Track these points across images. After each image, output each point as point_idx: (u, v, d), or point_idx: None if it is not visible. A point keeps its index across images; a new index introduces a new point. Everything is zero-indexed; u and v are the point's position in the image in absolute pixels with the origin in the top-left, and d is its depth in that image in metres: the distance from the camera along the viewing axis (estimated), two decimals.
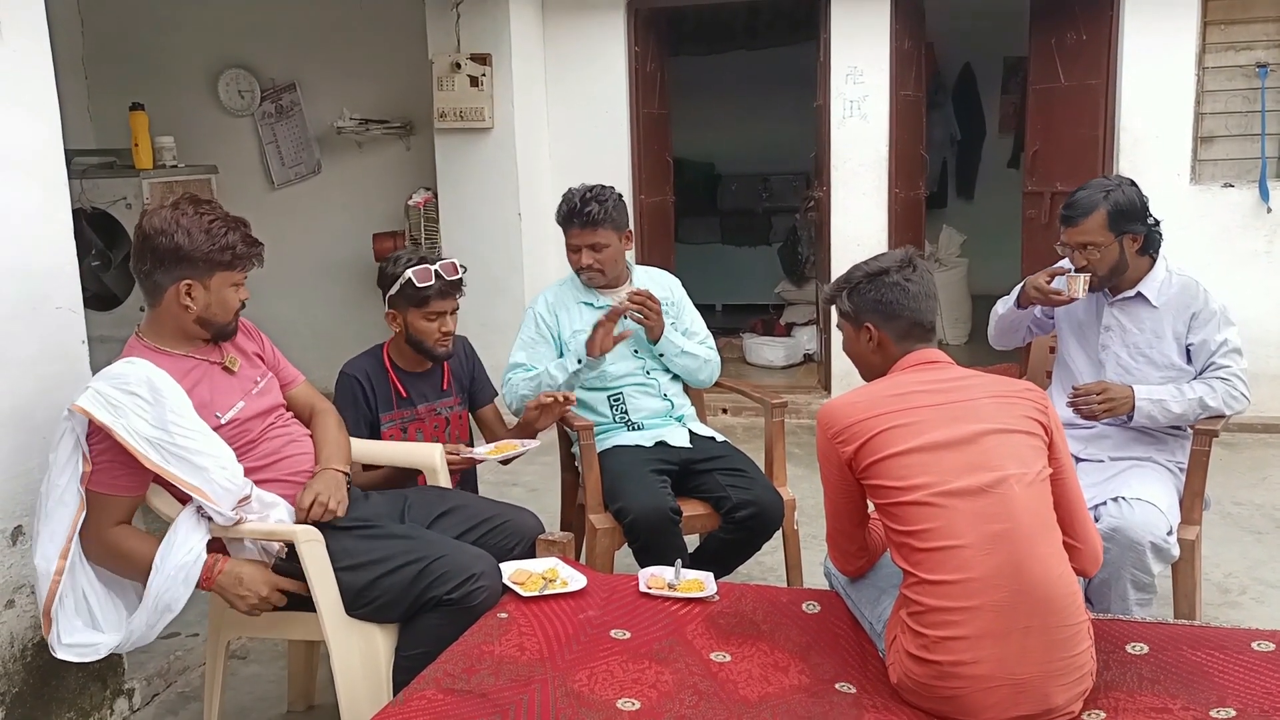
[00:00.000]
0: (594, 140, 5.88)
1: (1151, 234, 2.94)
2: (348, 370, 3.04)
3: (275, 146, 6.38)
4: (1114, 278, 2.95)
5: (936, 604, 1.98)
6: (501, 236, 5.67)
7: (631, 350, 3.29)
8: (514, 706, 2.00)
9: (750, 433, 5.42)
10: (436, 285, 2.92)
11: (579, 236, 3.20)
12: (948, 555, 1.98)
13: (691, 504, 3.07)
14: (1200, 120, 5.27)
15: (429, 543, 2.41)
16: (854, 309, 2.24)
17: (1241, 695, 1.98)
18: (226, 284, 2.44)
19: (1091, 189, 2.93)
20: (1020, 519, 1.99)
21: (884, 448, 2.06)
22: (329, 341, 6.11)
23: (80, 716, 2.76)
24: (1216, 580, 3.59)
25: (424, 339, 2.97)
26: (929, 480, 2.02)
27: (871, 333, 2.23)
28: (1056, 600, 1.97)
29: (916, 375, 2.18)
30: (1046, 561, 1.99)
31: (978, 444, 2.05)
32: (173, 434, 2.26)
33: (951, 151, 8.75)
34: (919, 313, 2.20)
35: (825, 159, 5.77)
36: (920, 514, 2.02)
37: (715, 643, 2.29)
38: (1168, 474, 2.92)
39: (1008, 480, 2.01)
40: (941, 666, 1.97)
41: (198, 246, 2.36)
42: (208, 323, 2.45)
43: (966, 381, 2.17)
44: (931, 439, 2.05)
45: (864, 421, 2.10)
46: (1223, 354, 2.90)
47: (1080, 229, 2.90)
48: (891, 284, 2.19)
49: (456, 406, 3.15)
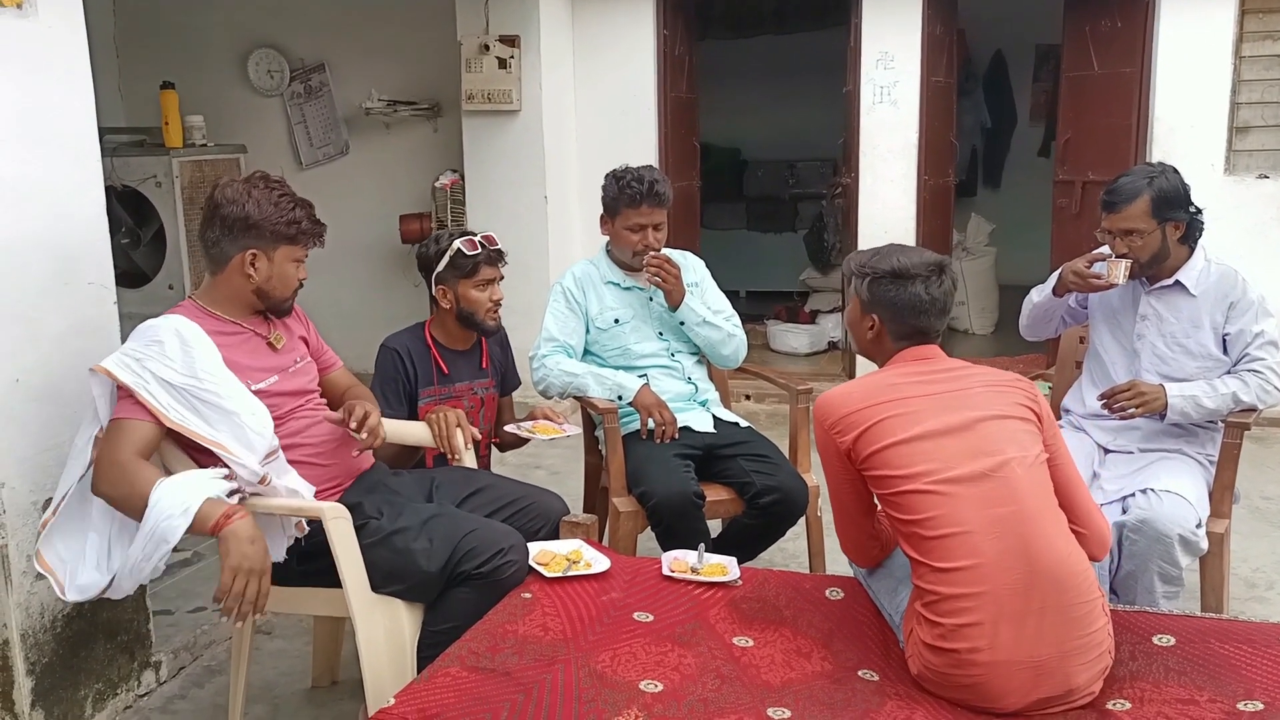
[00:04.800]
0: (621, 124, 5.86)
1: (1194, 222, 2.89)
2: (390, 344, 3.06)
3: (304, 127, 6.39)
4: (1154, 266, 2.91)
5: (949, 591, 1.98)
6: (527, 219, 5.67)
7: (656, 331, 3.29)
8: (538, 685, 2.01)
9: (774, 419, 5.41)
10: (484, 253, 2.98)
11: (648, 215, 3.19)
12: (955, 541, 1.98)
13: (715, 489, 3.06)
14: (1236, 110, 5.20)
15: (457, 519, 2.42)
16: (868, 298, 2.23)
17: (1269, 689, 1.96)
18: (289, 259, 2.50)
19: (1135, 175, 2.89)
20: (1024, 500, 2.00)
21: (882, 437, 2.07)
22: (354, 322, 6.13)
23: (108, 687, 2.80)
24: (1244, 575, 3.56)
25: (475, 310, 2.99)
26: (930, 468, 2.02)
27: (874, 323, 2.23)
28: (1068, 578, 1.97)
29: (911, 368, 2.18)
30: (1054, 541, 2.00)
31: (975, 430, 2.06)
32: (201, 380, 2.31)
33: (981, 139, 8.68)
34: (927, 322, 2.20)
35: (854, 145, 5.74)
36: (924, 502, 2.02)
37: (738, 627, 2.29)
38: (1198, 466, 2.90)
39: (1009, 463, 2.02)
40: (959, 654, 1.96)
41: (266, 217, 2.44)
42: (266, 295, 2.51)
43: (960, 372, 2.18)
44: (930, 427, 2.06)
45: (860, 412, 2.10)
46: (1258, 345, 2.86)
47: (1123, 215, 2.86)
48: (912, 293, 2.17)
49: (492, 389, 3.17)
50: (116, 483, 2.24)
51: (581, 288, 3.30)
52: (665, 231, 3.24)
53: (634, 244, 3.20)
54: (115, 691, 2.82)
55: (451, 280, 3.00)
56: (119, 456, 2.24)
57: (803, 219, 8.15)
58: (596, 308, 3.28)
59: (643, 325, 3.29)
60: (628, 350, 3.26)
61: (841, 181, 6.08)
